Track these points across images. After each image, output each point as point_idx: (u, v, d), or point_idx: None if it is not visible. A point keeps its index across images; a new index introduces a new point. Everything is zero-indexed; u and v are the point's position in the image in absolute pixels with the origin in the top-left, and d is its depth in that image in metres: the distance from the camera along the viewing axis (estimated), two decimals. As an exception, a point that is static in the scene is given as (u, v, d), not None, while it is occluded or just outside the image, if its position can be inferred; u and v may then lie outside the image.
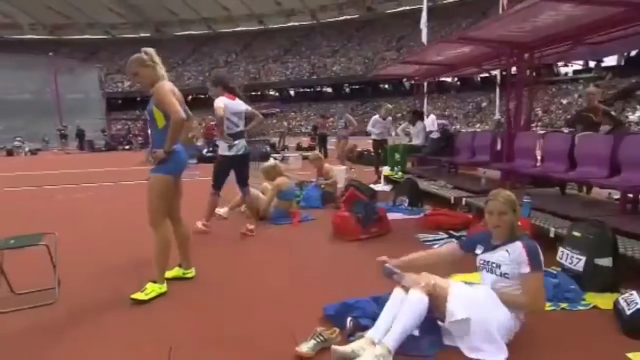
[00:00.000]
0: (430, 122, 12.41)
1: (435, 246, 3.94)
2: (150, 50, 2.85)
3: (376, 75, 28.24)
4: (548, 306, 2.56)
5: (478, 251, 2.27)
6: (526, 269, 2.03)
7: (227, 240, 4.41)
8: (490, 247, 2.21)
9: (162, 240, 2.88)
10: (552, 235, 3.36)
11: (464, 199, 4.67)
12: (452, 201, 4.84)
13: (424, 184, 5.76)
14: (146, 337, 2.33)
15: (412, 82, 8.00)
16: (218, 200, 4.65)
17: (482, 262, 2.23)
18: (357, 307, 2.32)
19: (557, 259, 2.94)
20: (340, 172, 7.47)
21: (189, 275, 3.17)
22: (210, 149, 15.98)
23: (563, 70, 36.73)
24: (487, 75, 4.99)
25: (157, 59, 2.86)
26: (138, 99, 46.58)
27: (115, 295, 2.84)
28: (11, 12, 47.59)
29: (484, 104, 37.16)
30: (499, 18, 3.84)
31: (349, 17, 52.05)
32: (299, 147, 18.22)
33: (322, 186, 5.99)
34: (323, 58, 47.81)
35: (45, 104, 31.52)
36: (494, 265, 2.14)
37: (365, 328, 2.19)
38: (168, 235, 2.93)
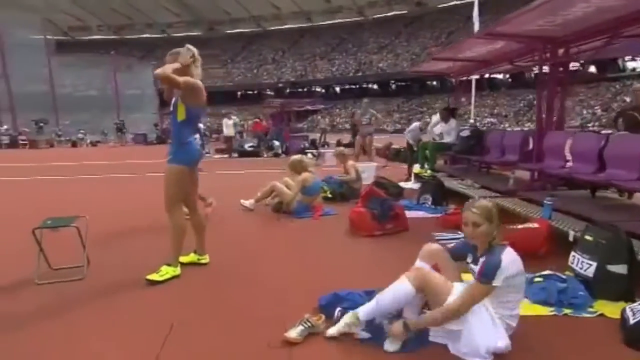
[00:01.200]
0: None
1: (450, 245, 3.89)
2: (194, 49, 3.02)
3: (413, 72, 27.60)
4: (550, 311, 2.49)
5: (469, 259, 2.22)
6: (476, 277, 1.99)
7: (247, 230, 4.62)
8: (475, 259, 2.14)
9: (176, 226, 3.10)
10: (571, 238, 3.21)
11: (487, 199, 4.53)
12: (476, 201, 4.71)
13: (452, 183, 5.65)
14: (154, 314, 2.54)
15: (455, 78, 7.75)
16: None
17: (472, 272, 2.16)
18: (347, 299, 2.39)
19: (569, 263, 2.83)
20: (369, 169, 7.49)
21: (203, 261, 3.37)
22: (254, 143, 16.52)
23: (630, 65, 33.92)
24: (540, 72, 4.74)
25: (197, 58, 3.03)
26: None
27: (134, 275, 3.06)
28: (82, 15, 51.39)
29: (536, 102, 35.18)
30: (524, 12, 3.68)
31: (397, 12, 51.19)
32: (339, 144, 18.28)
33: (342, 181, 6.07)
34: (369, 55, 47.45)
35: (107, 99, 33.94)
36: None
37: (352, 319, 2.26)
38: (182, 221, 3.14)
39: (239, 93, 49.17)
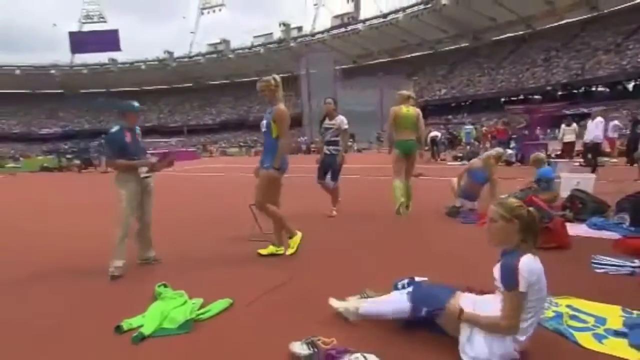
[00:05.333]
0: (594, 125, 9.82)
1: (611, 273, 3.34)
2: (278, 77, 3.83)
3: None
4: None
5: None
6: (502, 288, 1.98)
7: (405, 224, 5.37)
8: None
9: (274, 217, 4.07)
10: None
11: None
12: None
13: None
14: (284, 269, 3.71)
15: None
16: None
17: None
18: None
19: None
20: (585, 181, 6.48)
21: (280, 252, 4.08)
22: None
23: None
24: None
25: (280, 84, 3.79)
26: (453, 104, 49.25)
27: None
28: (367, 45, 60.24)
29: None
30: None
31: None
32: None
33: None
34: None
35: (376, 113, 39.33)
36: (495, 279, 2.07)
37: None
38: (275, 211, 4.02)
39: (502, 99, 46.25)
